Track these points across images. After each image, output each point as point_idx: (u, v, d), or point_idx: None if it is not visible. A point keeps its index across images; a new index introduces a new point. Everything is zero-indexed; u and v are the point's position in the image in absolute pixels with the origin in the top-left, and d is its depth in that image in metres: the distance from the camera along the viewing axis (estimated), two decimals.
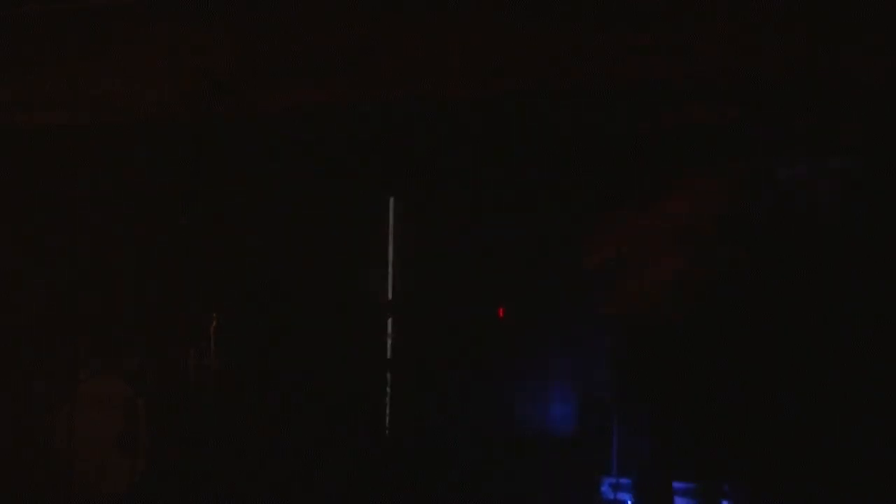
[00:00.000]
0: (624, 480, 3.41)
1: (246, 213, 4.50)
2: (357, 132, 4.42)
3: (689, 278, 2.71)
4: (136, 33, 4.56)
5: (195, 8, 4.53)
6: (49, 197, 4.65)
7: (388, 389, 4.23)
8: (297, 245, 4.46)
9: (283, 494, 3.86)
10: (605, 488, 3.64)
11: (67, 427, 3.79)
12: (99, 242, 4.52)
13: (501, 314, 4.15)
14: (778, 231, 3.13)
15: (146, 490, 3.73)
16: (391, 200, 4.56)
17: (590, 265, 2.90)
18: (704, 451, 2.76)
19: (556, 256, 2.97)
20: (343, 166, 4.41)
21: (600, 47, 3.84)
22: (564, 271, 2.93)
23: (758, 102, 3.17)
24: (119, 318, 4.33)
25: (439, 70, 4.29)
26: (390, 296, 4.46)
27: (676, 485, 3.05)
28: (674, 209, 2.75)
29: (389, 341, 4.36)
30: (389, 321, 4.40)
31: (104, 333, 4.22)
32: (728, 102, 3.01)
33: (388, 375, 4.27)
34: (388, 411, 4.21)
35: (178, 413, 3.96)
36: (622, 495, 3.50)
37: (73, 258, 4.49)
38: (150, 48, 4.54)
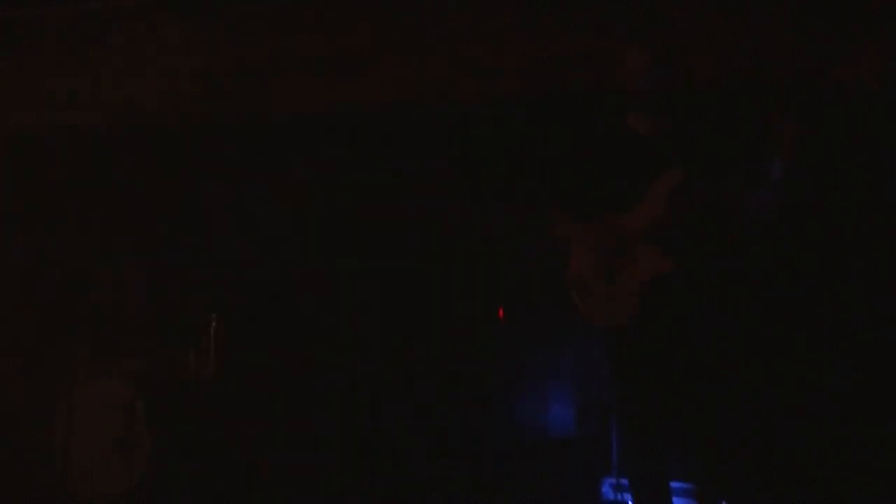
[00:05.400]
0: (624, 481, 3.41)
1: (245, 212, 4.50)
2: (358, 134, 4.42)
3: (682, 279, 2.70)
4: (136, 34, 4.56)
5: (195, 9, 4.53)
6: (49, 197, 4.65)
7: (388, 390, 4.22)
8: (297, 245, 4.46)
9: (282, 495, 3.86)
10: (605, 488, 3.64)
11: (66, 428, 3.79)
12: (99, 243, 4.52)
13: (501, 314, 4.15)
14: (771, 229, 3.13)
15: (145, 491, 3.73)
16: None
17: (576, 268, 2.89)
18: (703, 451, 2.75)
19: (556, 257, 2.97)
20: (343, 167, 4.41)
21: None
22: (563, 272, 2.93)
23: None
24: (118, 318, 4.33)
25: (440, 73, 4.30)
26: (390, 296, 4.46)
27: (675, 485, 3.04)
28: (660, 210, 2.74)
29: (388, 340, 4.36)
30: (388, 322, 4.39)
31: (103, 334, 4.22)
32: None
33: (388, 376, 4.27)
34: (387, 412, 4.20)
35: (178, 414, 3.96)
36: (622, 495, 3.50)
37: (72, 259, 4.50)
38: (149, 49, 4.54)
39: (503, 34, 4.20)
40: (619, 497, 3.51)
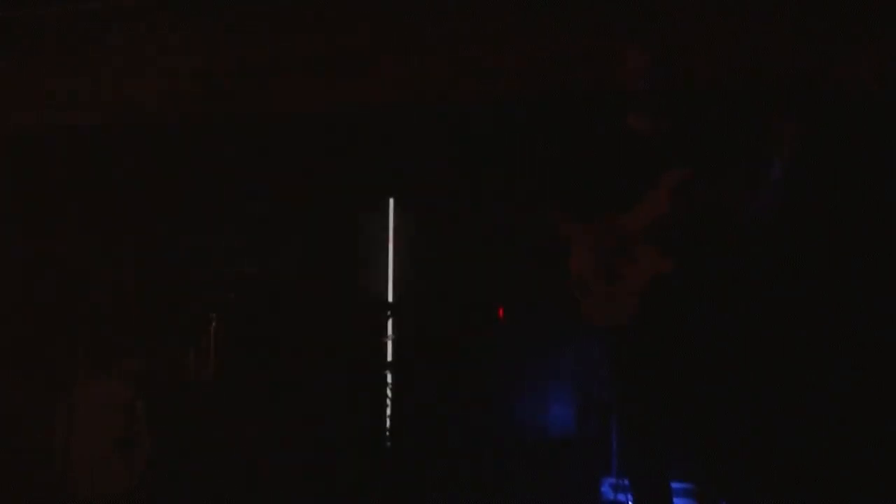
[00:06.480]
0: (624, 481, 3.41)
1: (245, 213, 4.50)
2: (358, 134, 4.42)
3: (682, 279, 2.70)
4: (136, 34, 4.57)
5: (195, 9, 4.53)
6: (49, 197, 4.65)
7: (389, 390, 4.22)
8: (297, 246, 4.46)
9: (282, 495, 3.86)
10: (605, 488, 3.64)
11: (66, 428, 3.79)
12: (99, 242, 4.52)
13: (501, 314, 4.15)
14: (771, 229, 3.13)
15: (145, 491, 3.72)
16: (391, 201, 4.55)
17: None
18: (703, 451, 2.75)
19: (556, 257, 2.97)
20: (343, 167, 4.41)
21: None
22: (563, 272, 2.93)
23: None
24: (118, 318, 4.33)
25: (440, 73, 4.30)
26: (390, 297, 4.46)
27: (675, 485, 3.04)
28: (660, 210, 2.74)
29: (389, 342, 4.36)
30: (390, 322, 4.39)
31: (103, 334, 4.22)
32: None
33: (389, 376, 4.27)
34: (388, 412, 4.20)
35: (178, 414, 3.96)
36: (622, 495, 3.50)
37: (72, 258, 4.50)
38: (149, 49, 4.54)
39: (503, 34, 4.20)
40: (619, 497, 3.51)
